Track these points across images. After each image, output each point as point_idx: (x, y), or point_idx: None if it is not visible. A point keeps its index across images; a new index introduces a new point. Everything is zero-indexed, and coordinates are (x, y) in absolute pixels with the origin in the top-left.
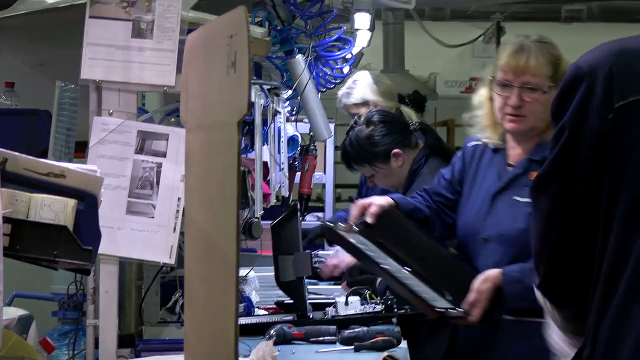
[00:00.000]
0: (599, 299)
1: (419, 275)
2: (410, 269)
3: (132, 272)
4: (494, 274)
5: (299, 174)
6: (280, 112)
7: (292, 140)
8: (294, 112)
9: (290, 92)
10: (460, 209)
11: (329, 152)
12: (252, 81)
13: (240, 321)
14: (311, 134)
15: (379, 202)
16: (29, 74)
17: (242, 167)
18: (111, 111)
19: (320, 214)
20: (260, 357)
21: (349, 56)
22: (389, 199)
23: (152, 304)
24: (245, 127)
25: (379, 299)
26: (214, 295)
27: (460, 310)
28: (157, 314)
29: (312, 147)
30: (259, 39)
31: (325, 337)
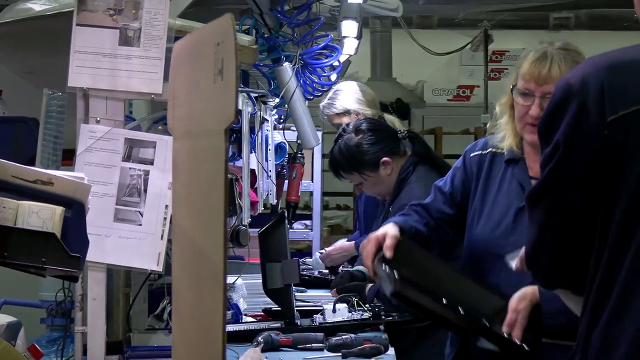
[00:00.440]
0: (592, 306)
1: (452, 306)
2: (446, 302)
3: (119, 279)
4: (530, 290)
5: (286, 182)
6: (267, 120)
7: (279, 147)
8: (282, 120)
9: (277, 100)
10: (471, 224)
11: (316, 160)
12: (239, 89)
13: (227, 328)
14: (299, 141)
15: (392, 232)
16: (17, 82)
17: (229, 175)
18: (98, 119)
19: (307, 222)
20: None
21: (336, 64)
22: (395, 227)
23: (140, 311)
24: (232, 134)
25: (367, 306)
26: (202, 302)
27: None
28: (145, 321)
29: (299, 155)
30: (246, 47)
31: (312, 344)
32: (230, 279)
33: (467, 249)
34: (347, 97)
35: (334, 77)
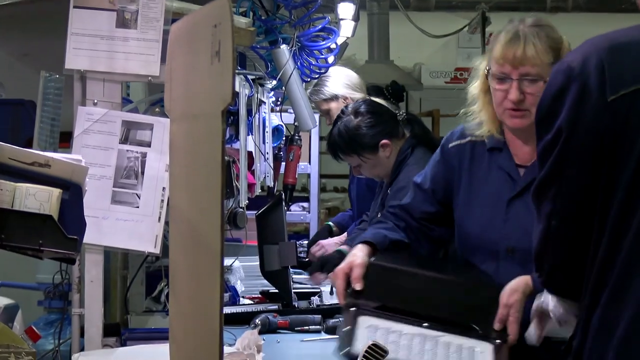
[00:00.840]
0: (592, 289)
1: (439, 325)
2: (427, 324)
3: (117, 261)
4: (521, 281)
5: (283, 164)
6: (264, 102)
7: (276, 130)
8: (279, 102)
9: (274, 82)
10: (460, 222)
11: (313, 142)
12: (236, 71)
13: (225, 310)
14: (296, 124)
15: (358, 261)
16: (14, 64)
17: (226, 157)
18: (95, 101)
19: (305, 204)
20: (245, 346)
21: (333, 46)
22: (363, 249)
23: (138, 293)
24: (229, 117)
25: None
26: (199, 284)
27: (497, 342)
28: (143, 303)
29: (296, 137)
30: (243, 29)
31: (310, 327)
32: (227, 261)
33: (459, 247)
34: (335, 82)
35: (331, 59)
